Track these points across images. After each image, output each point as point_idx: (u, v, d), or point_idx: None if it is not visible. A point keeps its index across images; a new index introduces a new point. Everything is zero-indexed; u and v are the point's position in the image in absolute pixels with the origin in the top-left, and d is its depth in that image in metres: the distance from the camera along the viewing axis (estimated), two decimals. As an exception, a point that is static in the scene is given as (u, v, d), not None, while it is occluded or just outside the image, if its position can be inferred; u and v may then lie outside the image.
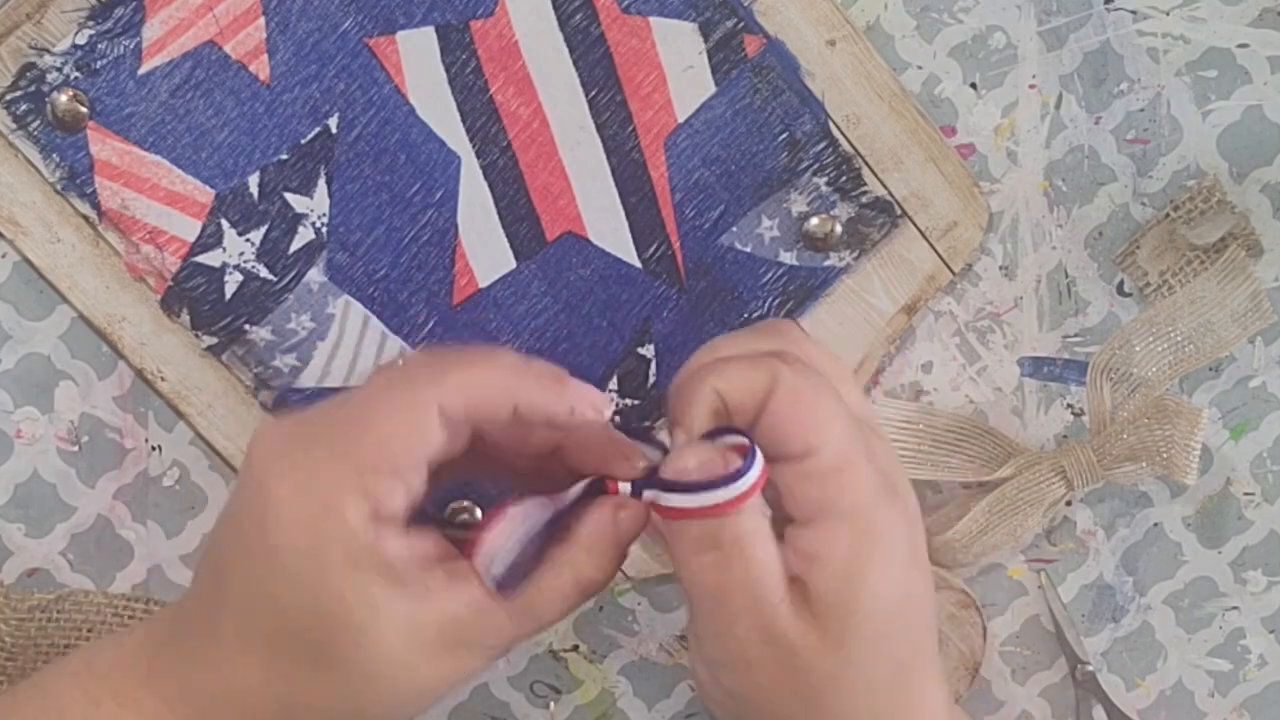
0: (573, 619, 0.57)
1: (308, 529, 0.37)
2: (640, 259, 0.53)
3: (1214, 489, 0.58)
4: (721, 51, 0.52)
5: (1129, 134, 0.55)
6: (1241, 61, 0.54)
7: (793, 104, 0.52)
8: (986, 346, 0.56)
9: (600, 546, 0.40)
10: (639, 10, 0.51)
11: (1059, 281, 0.56)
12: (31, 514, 0.54)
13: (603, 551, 0.40)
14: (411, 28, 0.51)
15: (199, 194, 0.51)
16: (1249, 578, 0.59)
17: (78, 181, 0.51)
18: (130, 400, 0.53)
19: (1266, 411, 0.57)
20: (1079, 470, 0.55)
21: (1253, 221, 0.55)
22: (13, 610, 0.53)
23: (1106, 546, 0.58)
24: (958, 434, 0.56)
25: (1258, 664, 0.59)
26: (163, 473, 0.54)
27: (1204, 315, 0.55)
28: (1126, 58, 0.54)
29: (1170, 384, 0.56)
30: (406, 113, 0.51)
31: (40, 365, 0.53)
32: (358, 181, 0.52)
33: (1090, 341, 0.56)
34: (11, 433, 0.53)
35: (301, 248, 0.52)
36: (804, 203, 0.53)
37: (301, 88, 0.51)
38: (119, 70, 0.50)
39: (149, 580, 0.55)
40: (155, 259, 0.51)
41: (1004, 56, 0.54)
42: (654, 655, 0.58)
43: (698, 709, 0.58)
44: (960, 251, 0.54)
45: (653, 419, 0.54)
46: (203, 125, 0.51)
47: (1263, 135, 0.55)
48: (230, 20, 0.50)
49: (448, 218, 0.52)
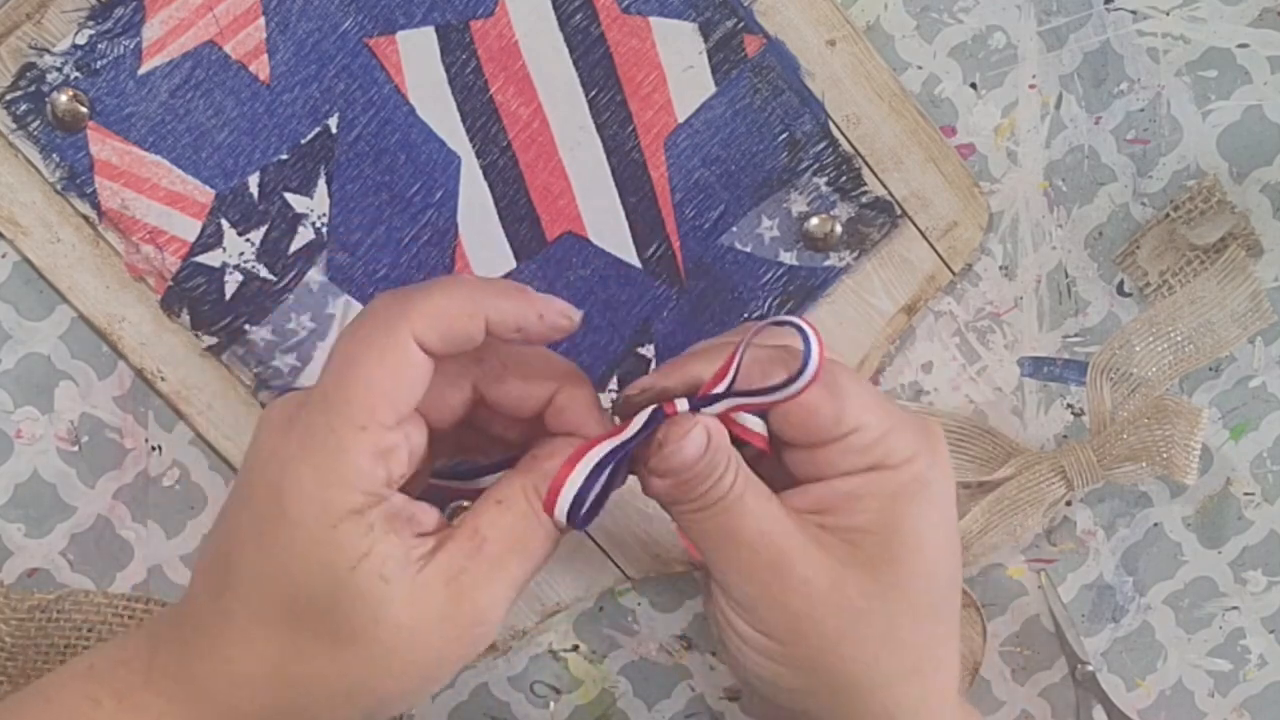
0: (573, 619, 0.57)
1: (320, 499, 0.37)
2: (640, 259, 0.53)
3: (1214, 489, 0.58)
4: (721, 51, 0.52)
5: (1129, 134, 0.55)
6: (1241, 61, 0.54)
7: (793, 104, 0.52)
8: (986, 346, 0.56)
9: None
10: (639, 10, 0.51)
11: (1059, 281, 0.56)
12: (31, 514, 0.54)
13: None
14: (411, 28, 0.51)
15: (199, 194, 0.51)
16: (1249, 578, 0.59)
17: (78, 181, 0.51)
18: (130, 400, 0.53)
19: (1266, 411, 0.57)
20: (1079, 470, 0.55)
21: (1253, 221, 0.55)
22: (13, 610, 0.53)
23: (1106, 546, 0.58)
24: (958, 434, 0.56)
25: (1258, 664, 0.59)
26: (163, 473, 0.54)
27: (1204, 315, 0.55)
28: (1126, 58, 0.54)
29: (1170, 384, 0.56)
30: (406, 113, 0.51)
31: (40, 365, 0.53)
32: (358, 181, 0.52)
33: (1090, 341, 0.56)
34: (11, 433, 0.53)
35: (301, 248, 0.52)
36: (804, 203, 0.53)
37: (301, 88, 0.51)
38: (119, 70, 0.50)
39: (149, 580, 0.55)
40: (155, 259, 0.51)
41: (1004, 56, 0.54)
42: (654, 655, 0.58)
43: (698, 709, 0.58)
44: (960, 251, 0.55)
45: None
46: (203, 125, 0.51)
47: (1263, 135, 0.55)
48: (230, 20, 0.50)
49: (448, 218, 0.52)
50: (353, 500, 0.37)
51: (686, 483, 0.39)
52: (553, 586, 0.55)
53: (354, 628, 0.38)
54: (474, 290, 0.40)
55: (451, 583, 0.39)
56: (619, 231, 0.53)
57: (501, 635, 0.56)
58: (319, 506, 0.37)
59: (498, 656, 0.57)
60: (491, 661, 0.57)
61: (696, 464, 0.39)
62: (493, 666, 0.57)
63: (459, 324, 0.39)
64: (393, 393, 0.38)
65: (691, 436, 0.39)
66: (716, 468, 0.39)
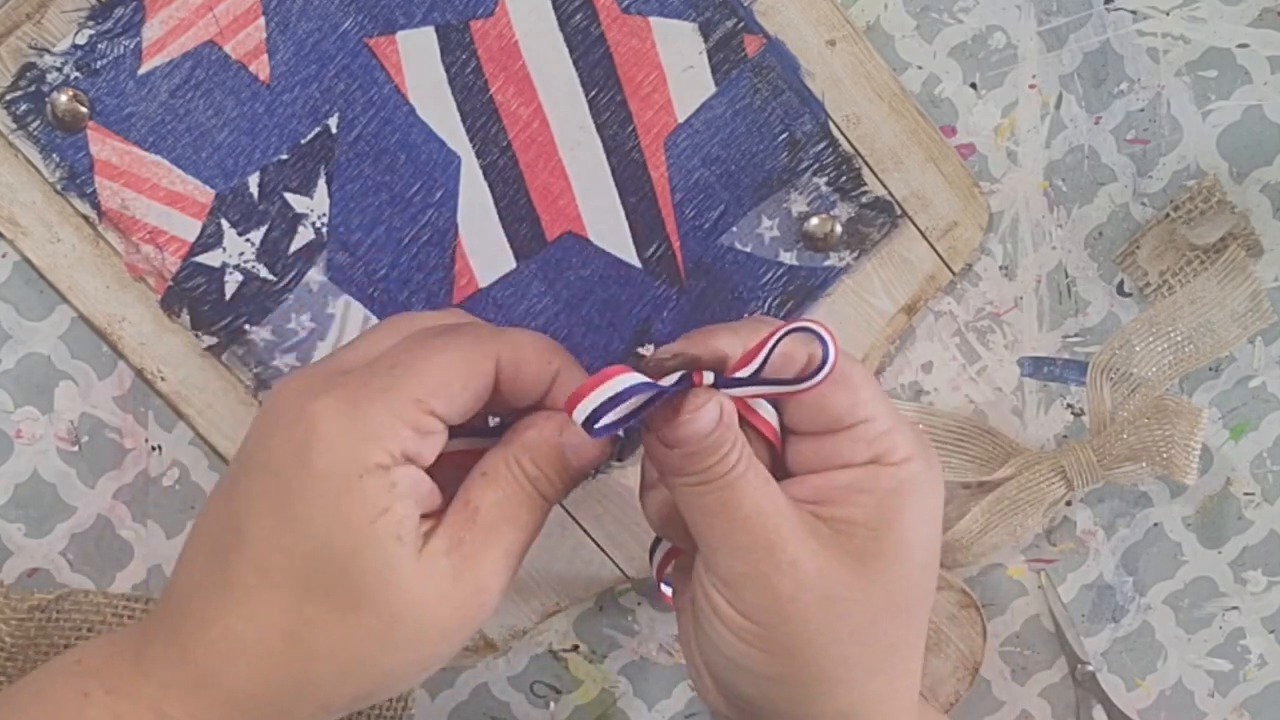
0: (573, 619, 0.57)
1: (351, 449, 0.38)
2: (640, 259, 0.53)
3: (1214, 489, 0.58)
4: (721, 51, 0.52)
5: (1129, 134, 0.55)
6: (1241, 61, 0.54)
7: (793, 104, 0.52)
8: (986, 346, 0.56)
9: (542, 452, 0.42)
10: (639, 10, 0.51)
11: (1059, 281, 0.56)
12: (31, 514, 0.54)
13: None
14: (411, 28, 0.51)
15: (199, 194, 0.51)
16: (1249, 578, 0.59)
17: (78, 181, 0.51)
18: (130, 400, 0.53)
19: (1266, 411, 0.57)
20: (1079, 470, 0.55)
21: (1253, 221, 0.55)
22: (13, 610, 0.53)
23: (1106, 546, 0.58)
24: (958, 434, 0.56)
25: (1258, 664, 0.59)
26: (163, 473, 0.54)
27: (1204, 315, 0.55)
28: (1126, 58, 0.54)
29: (1170, 384, 0.56)
30: (406, 113, 0.51)
31: (40, 365, 0.53)
32: (358, 181, 0.52)
33: (1090, 341, 0.56)
34: (11, 433, 0.53)
35: (301, 248, 0.52)
36: (804, 203, 0.53)
37: (301, 88, 0.51)
38: (119, 70, 0.50)
39: (149, 580, 0.55)
40: (155, 259, 0.51)
41: (1004, 56, 0.54)
42: (654, 655, 0.58)
43: (698, 709, 0.58)
44: (960, 251, 0.55)
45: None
46: (203, 125, 0.51)
47: (1263, 135, 0.55)
48: (230, 20, 0.50)
49: (448, 218, 0.52)
50: (382, 456, 0.38)
51: (693, 455, 0.40)
52: (553, 586, 0.55)
53: (365, 589, 0.38)
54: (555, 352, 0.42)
55: (452, 552, 0.39)
56: (619, 231, 0.53)
57: (501, 635, 0.56)
58: (349, 457, 0.38)
59: (498, 656, 0.57)
60: (491, 661, 0.57)
61: (706, 438, 0.40)
62: (493, 666, 0.57)
63: (532, 370, 0.41)
64: (460, 392, 0.40)
65: (706, 410, 0.39)
66: (723, 444, 0.40)
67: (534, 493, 0.41)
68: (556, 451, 0.41)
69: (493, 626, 0.56)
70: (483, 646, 0.56)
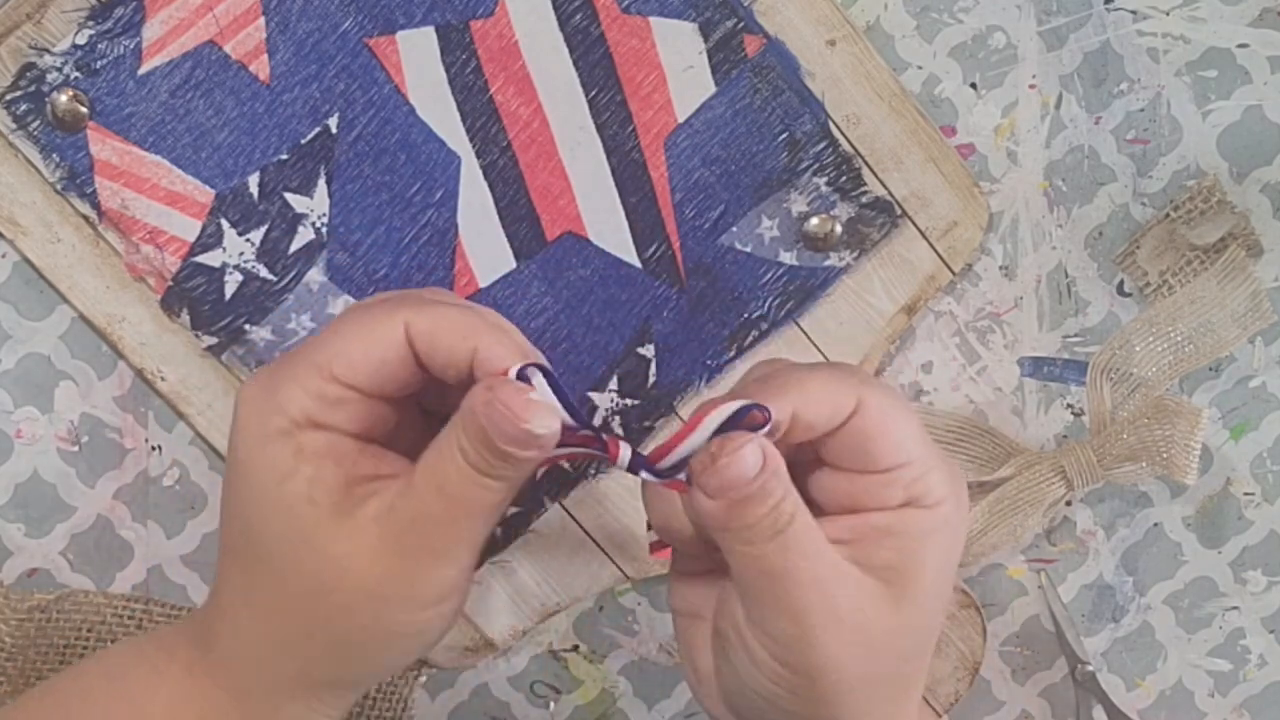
0: (573, 619, 0.57)
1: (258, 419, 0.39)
2: (640, 259, 0.53)
3: (1214, 489, 0.58)
4: (721, 51, 0.52)
5: (1129, 134, 0.55)
6: (1241, 61, 0.54)
7: (793, 104, 0.52)
8: (986, 346, 0.56)
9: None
10: (639, 10, 0.51)
11: (1059, 281, 0.56)
12: (31, 514, 0.54)
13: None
14: (411, 28, 0.51)
15: (199, 194, 0.51)
16: (1249, 578, 0.59)
17: (78, 181, 0.51)
18: (130, 400, 0.53)
19: (1266, 411, 0.57)
20: (1079, 470, 0.55)
21: (1253, 221, 0.55)
22: (13, 610, 0.53)
23: (1106, 546, 0.58)
24: (958, 434, 0.56)
25: (1258, 664, 0.59)
26: (163, 473, 0.54)
27: (1204, 315, 0.55)
28: (1126, 58, 0.54)
29: (1170, 384, 0.56)
30: (406, 113, 0.51)
31: (40, 365, 0.53)
32: (358, 181, 0.52)
33: (1090, 341, 0.56)
34: (11, 433, 0.53)
35: (301, 248, 0.52)
36: (804, 203, 0.53)
37: (301, 88, 0.51)
38: (119, 70, 0.50)
39: (149, 580, 0.55)
40: (155, 259, 0.51)
41: (1004, 56, 0.54)
42: (654, 655, 0.58)
43: (698, 709, 0.58)
44: (960, 251, 0.54)
45: (653, 418, 0.54)
46: (203, 125, 0.51)
47: (1263, 135, 0.55)
48: (230, 20, 0.50)
49: (448, 218, 0.52)
50: (282, 421, 0.39)
51: (738, 506, 0.38)
52: (553, 586, 0.55)
53: (284, 552, 0.39)
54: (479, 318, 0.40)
55: (384, 518, 0.39)
56: (619, 231, 0.53)
57: (501, 635, 0.56)
58: (257, 428, 0.39)
59: (497, 656, 0.57)
60: (491, 661, 0.57)
61: (750, 484, 0.37)
62: (493, 666, 0.57)
63: (448, 339, 0.39)
64: (361, 357, 0.39)
65: (746, 452, 0.37)
66: (772, 493, 0.38)
67: (464, 465, 0.39)
68: (477, 423, 0.38)
69: (493, 626, 0.56)
70: (483, 646, 0.56)
